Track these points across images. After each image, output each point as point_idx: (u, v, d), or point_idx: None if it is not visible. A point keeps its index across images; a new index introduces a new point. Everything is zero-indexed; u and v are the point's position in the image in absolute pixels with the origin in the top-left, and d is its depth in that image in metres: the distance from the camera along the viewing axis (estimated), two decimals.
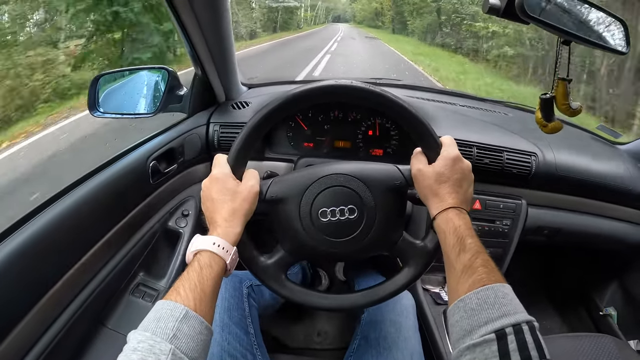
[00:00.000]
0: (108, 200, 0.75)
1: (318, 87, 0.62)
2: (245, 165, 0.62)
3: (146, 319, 0.46)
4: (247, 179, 0.61)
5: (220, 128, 0.97)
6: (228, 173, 0.60)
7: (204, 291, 0.49)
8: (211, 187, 0.59)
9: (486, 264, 0.51)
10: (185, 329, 0.44)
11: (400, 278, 0.66)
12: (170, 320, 0.44)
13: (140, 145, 0.88)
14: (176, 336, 0.43)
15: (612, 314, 1.32)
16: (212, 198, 0.59)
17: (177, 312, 0.45)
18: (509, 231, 1.01)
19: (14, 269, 0.56)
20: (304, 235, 0.63)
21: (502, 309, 0.45)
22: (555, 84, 0.66)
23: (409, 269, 0.66)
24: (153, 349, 0.41)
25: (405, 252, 0.66)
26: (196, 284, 0.49)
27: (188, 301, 0.47)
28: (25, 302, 0.58)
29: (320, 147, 0.98)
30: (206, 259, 0.52)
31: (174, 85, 0.95)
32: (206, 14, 0.77)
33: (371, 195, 0.63)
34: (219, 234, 0.55)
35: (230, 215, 0.57)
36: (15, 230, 0.59)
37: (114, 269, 0.78)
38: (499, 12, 0.66)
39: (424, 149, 0.63)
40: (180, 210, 0.95)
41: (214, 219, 0.58)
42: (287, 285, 0.67)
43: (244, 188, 0.60)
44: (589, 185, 1.04)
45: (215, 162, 0.62)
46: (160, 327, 0.44)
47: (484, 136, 0.99)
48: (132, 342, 0.42)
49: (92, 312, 0.74)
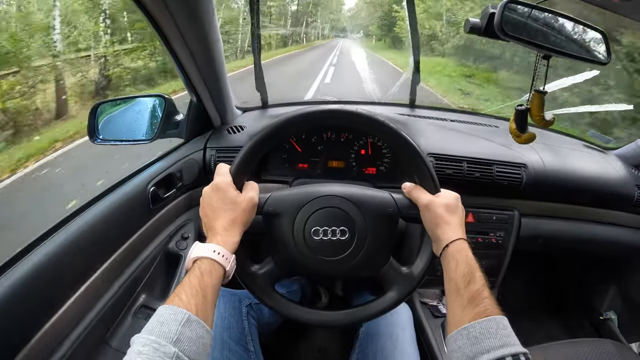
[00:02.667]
0: (110, 226, 0.77)
1: (329, 110, 0.66)
2: (246, 177, 0.65)
3: (149, 324, 0.47)
4: (247, 190, 0.64)
5: (216, 153, 0.99)
6: (230, 183, 0.62)
7: (204, 297, 0.51)
8: (212, 195, 0.61)
9: (490, 297, 0.55)
10: (188, 333, 0.46)
11: (383, 302, 0.68)
12: (174, 324, 0.46)
13: (140, 171, 0.90)
14: (180, 340, 0.45)
15: (613, 318, 1.33)
16: (212, 206, 0.61)
17: (179, 316, 0.47)
18: (503, 242, 1.03)
19: (21, 294, 0.58)
20: (294, 251, 0.65)
21: (502, 340, 0.48)
22: (531, 96, 0.69)
23: (392, 293, 0.68)
24: (158, 352, 0.42)
25: (390, 277, 0.69)
26: (197, 289, 0.51)
27: (190, 306, 0.48)
28: (32, 325, 0.60)
29: (315, 168, 1.01)
30: (207, 266, 0.54)
31: (171, 112, 0.97)
32: (198, 45, 0.79)
33: (363, 220, 0.65)
34: (218, 242, 0.57)
35: (229, 224, 0.59)
36: (22, 257, 0.61)
37: (117, 292, 0.79)
38: (480, 31, 0.69)
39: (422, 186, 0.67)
40: (180, 233, 0.97)
41: (213, 227, 0.59)
42: (273, 296, 0.69)
43: (244, 199, 0.62)
44: (581, 192, 1.06)
45: (217, 170, 0.64)
46: (163, 331, 0.45)
47: (473, 150, 1.01)
48: (136, 345, 0.43)
49: (97, 333, 0.75)
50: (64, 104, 5.21)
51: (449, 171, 0.97)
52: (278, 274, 0.69)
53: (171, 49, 0.79)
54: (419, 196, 0.66)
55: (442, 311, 1.04)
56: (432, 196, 0.66)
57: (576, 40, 0.72)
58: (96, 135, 0.95)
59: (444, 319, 1.02)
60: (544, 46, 0.66)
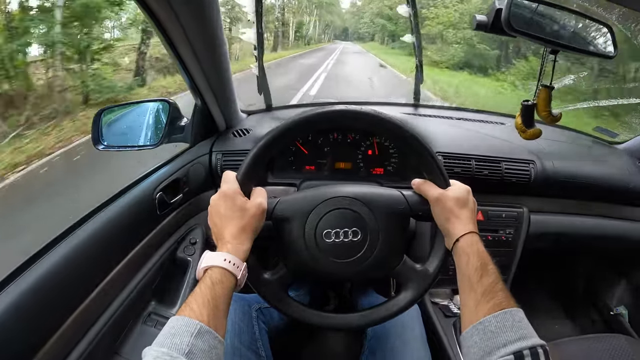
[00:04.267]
0: (118, 234, 0.76)
1: (334, 111, 0.64)
2: (254, 183, 0.64)
3: (161, 335, 0.46)
4: (255, 196, 0.63)
5: (222, 156, 0.99)
6: (237, 190, 0.61)
7: (216, 306, 0.50)
8: (220, 203, 0.60)
9: (504, 289, 0.54)
10: (200, 344, 0.45)
11: (399, 301, 0.68)
12: (185, 335, 0.45)
13: (146, 177, 0.89)
14: (192, 352, 0.44)
15: (623, 313, 1.32)
16: (220, 214, 0.60)
17: (191, 327, 0.46)
18: (512, 240, 1.02)
19: (29, 303, 0.57)
20: (306, 255, 0.64)
21: (519, 332, 0.48)
22: (538, 91, 0.68)
23: (407, 292, 0.67)
24: None
25: (405, 275, 0.68)
26: (209, 299, 0.50)
27: (202, 316, 0.48)
28: (41, 334, 0.59)
29: (322, 170, 1.00)
30: (218, 275, 0.53)
31: (175, 116, 0.97)
32: (203, 48, 0.79)
33: (375, 219, 0.64)
34: (229, 250, 0.56)
35: (239, 232, 0.59)
36: (29, 266, 0.60)
37: (126, 300, 0.79)
38: (487, 27, 0.68)
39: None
40: (187, 238, 0.96)
41: (222, 235, 0.59)
42: (287, 302, 0.68)
43: (252, 205, 0.61)
44: (589, 187, 1.05)
45: (224, 178, 0.63)
46: (175, 343, 0.44)
47: (481, 147, 1.01)
48: (148, 358, 0.43)
49: (107, 341, 0.74)
50: None
51: (457, 169, 0.96)
52: (290, 279, 0.68)
53: (176, 51, 0.78)
54: (429, 190, 0.65)
55: (454, 311, 1.04)
56: (442, 190, 0.65)
57: (583, 34, 0.72)
58: (100, 141, 0.94)
59: (456, 318, 1.01)
60: (552, 41, 0.66)
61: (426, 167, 0.66)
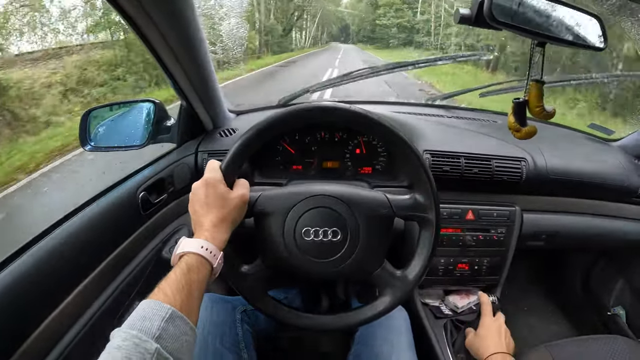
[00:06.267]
0: (99, 233, 0.76)
1: (323, 106, 0.64)
2: (237, 175, 0.64)
3: (131, 318, 0.45)
4: (238, 187, 0.63)
5: (208, 156, 0.98)
6: (220, 179, 0.61)
7: (190, 293, 0.49)
8: (202, 190, 0.60)
9: None
10: (171, 329, 0.44)
11: (375, 307, 0.67)
12: (156, 319, 0.44)
13: (129, 177, 0.89)
14: (162, 336, 0.43)
15: (621, 313, 1.30)
16: (201, 201, 0.59)
17: (163, 311, 0.45)
18: (504, 239, 1.00)
19: (6, 302, 0.56)
20: (284, 252, 0.64)
21: None
22: (528, 86, 0.67)
23: (384, 298, 0.67)
24: (138, 348, 0.41)
25: (384, 281, 0.67)
26: (183, 285, 0.49)
27: (175, 302, 0.47)
28: (18, 335, 0.58)
29: (309, 169, 0.99)
30: (194, 262, 0.53)
31: (162, 117, 0.96)
32: (182, 48, 0.78)
33: (356, 220, 0.64)
34: (207, 237, 0.56)
35: (219, 221, 0.58)
36: (5, 266, 0.59)
37: (108, 299, 0.78)
38: (471, 20, 0.67)
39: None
40: (173, 239, 0.96)
41: (201, 223, 0.58)
42: (262, 298, 0.68)
43: (235, 196, 0.61)
44: (583, 185, 1.04)
45: (208, 166, 0.63)
46: (145, 326, 0.43)
47: (471, 145, 0.99)
48: (116, 339, 0.42)
49: (89, 341, 0.73)
50: None
51: (447, 168, 0.95)
52: (268, 275, 0.68)
53: (155, 52, 0.77)
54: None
55: (445, 312, 1.02)
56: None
57: (571, 26, 0.70)
58: (88, 141, 0.94)
59: (446, 320, 1.00)
60: (538, 33, 0.64)
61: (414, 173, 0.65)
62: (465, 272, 1.00)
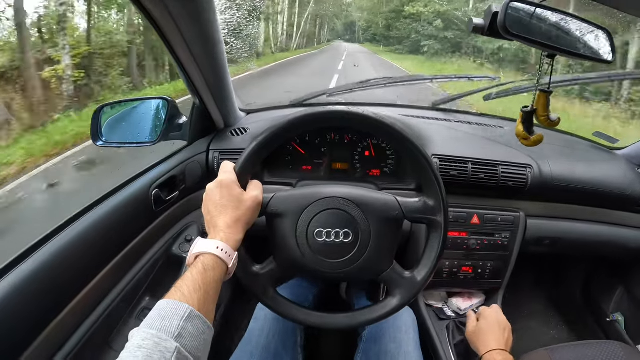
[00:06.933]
0: (113, 229, 0.77)
1: (338, 112, 0.65)
2: (250, 177, 0.65)
3: (149, 318, 0.45)
4: (252, 189, 0.64)
5: (219, 155, 0.99)
6: (234, 180, 0.62)
7: (207, 292, 0.50)
8: (216, 191, 0.61)
9: None
10: (189, 328, 0.45)
11: (384, 307, 0.68)
12: (175, 318, 0.44)
13: (142, 174, 0.90)
14: (181, 335, 0.43)
15: (620, 320, 1.31)
16: (216, 203, 0.60)
17: (181, 311, 0.45)
18: (508, 244, 1.02)
19: (22, 297, 0.58)
20: (297, 252, 0.65)
21: None
22: (536, 96, 0.68)
23: (393, 298, 0.68)
24: (159, 347, 0.41)
25: (393, 281, 0.68)
26: (200, 285, 0.50)
27: (192, 301, 0.47)
28: (33, 328, 0.60)
29: (319, 170, 1.00)
30: (210, 262, 0.53)
31: (174, 114, 0.97)
32: (200, 48, 0.79)
33: (367, 222, 0.65)
34: (222, 238, 0.57)
35: (233, 222, 0.59)
36: (23, 260, 0.61)
37: (120, 294, 0.79)
38: (484, 30, 0.68)
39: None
40: (183, 236, 0.97)
41: (216, 224, 0.59)
42: (273, 297, 0.69)
43: (248, 197, 0.62)
44: (587, 192, 1.05)
45: (222, 167, 0.64)
46: (165, 325, 0.43)
47: (478, 151, 1.00)
48: (136, 339, 0.42)
49: (100, 336, 0.75)
50: None
51: (454, 172, 0.96)
52: (279, 274, 0.69)
53: (172, 50, 0.79)
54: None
55: (447, 313, 1.04)
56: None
57: (580, 38, 0.71)
58: (99, 137, 0.95)
59: (449, 321, 1.01)
60: (549, 45, 0.65)
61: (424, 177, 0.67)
62: (469, 275, 1.02)
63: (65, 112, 4.72)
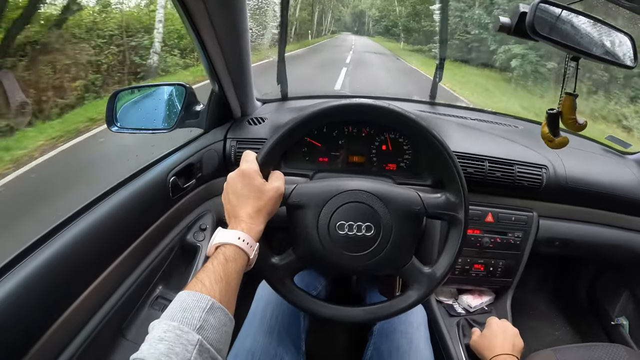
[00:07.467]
0: (130, 216, 0.76)
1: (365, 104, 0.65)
2: (272, 166, 0.65)
3: (170, 309, 0.45)
4: (274, 179, 0.63)
5: (237, 144, 0.99)
6: (257, 170, 0.61)
7: (229, 283, 0.50)
8: (238, 180, 0.60)
9: None
10: (211, 320, 0.44)
11: (402, 301, 0.69)
12: (197, 310, 0.44)
13: (159, 160, 0.90)
14: (203, 327, 0.43)
15: (624, 324, 1.32)
16: (237, 192, 0.59)
17: (203, 302, 0.45)
18: (520, 243, 1.02)
19: (37, 284, 0.57)
20: (317, 244, 0.65)
21: None
22: (562, 99, 0.68)
23: (412, 293, 0.68)
24: (180, 339, 0.41)
25: (412, 276, 0.69)
26: (221, 276, 0.49)
27: (214, 293, 0.47)
28: (49, 315, 0.59)
29: (335, 162, 1.00)
30: (231, 253, 0.53)
31: (191, 101, 0.97)
32: (226, 34, 0.79)
33: (390, 217, 0.65)
34: (243, 229, 0.56)
35: (255, 213, 0.58)
36: (38, 247, 0.60)
37: (134, 283, 0.79)
38: (510, 30, 0.68)
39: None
40: (198, 224, 0.97)
41: (237, 214, 0.58)
42: (291, 289, 0.69)
43: (270, 187, 0.61)
44: (600, 196, 1.05)
45: (244, 157, 0.63)
46: (186, 317, 0.43)
47: (495, 149, 1.00)
48: (157, 331, 0.41)
49: (114, 324, 0.75)
50: None
51: (471, 170, 0.96)
52: (297, 266, 0.69)
53: (198, 35, 0.78)
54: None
55: (458, 310, 1.04)
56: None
57: (604, 43, 0.71)
58: (114, 122, 0.95)
59: (460, 318, 1.02)
60: (574, 47, 0.65)
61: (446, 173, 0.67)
62: (481, 273, 1.02)
63: None
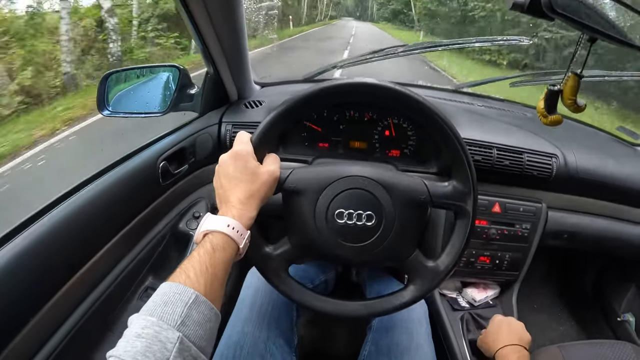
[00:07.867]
0: (116, 202, 0.72)
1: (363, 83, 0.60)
2: (268, 149, 0.60)
3: (151, 302, 0.42)
4: (269, 162, 0.59)
5: (232, 128, 0.95)
6: (251, 152, 0.57)
7: (215, 275, 0.46)
8: (230, 163, 0.56)
9: None
10: (194, 316, 0.42)
11: (405, 295, 0.65)
12: (179, 305, 0.41)
13: (150, 145, 0.85)
14: (184, 323, 0.40)
15: (630, 320, 1.29)
16: (229, 175, 0.55)
17: (186, 296, 0.42)
18: (528, 235, 0.98)
19: (21, 270, 0.54)
20: (314, 233, 0.61)
21: None
22: (567, 77, 0.64)
23: (414, 287, 0.65)
24: (159, 336, 0.38)
25: (415, 270, 0.65)
26: (207, 267, 0.46)
27: (198, 285, 0.44)
28: (32, 304, 0.56)
29: (336, 148, 0.95)
30: (219, 241, 0.49)
31: (185, 84, 0.92)
32: (220, 11, 0.74)
33: (392, 205, 0.61)
34: (234, 215, 0.52)
35: (246, 198, 0.54)
36: (22, 230, 0.56)
37: (122, 273, 0.75)
38: (523, 7, 0.64)
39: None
40: (191, 212, 0.93)
41: (228, 199, 0.54)
42: (286, 281, 0.65)
43: (265, 171, 0.57)
44: (609, 187, 1.01)
45: (238, 138, 0.59)
46: (167, 313, 0.40)
47: (503, 137, 0.96)
48: (134, 327, 0.39)
49: (100, 316, 0.71)
50: None
51: (478, 157, 0.92)
52: (293, 256, 0.65)
53: (190, 13, 0.74)
54: None
55: (462, 304, 1.00)
56: None
57: (624, 25, 0.68)
58: (105, 106, 0.91)
59: (463, 312, 0.98)
60: (592, 27, 0.61)
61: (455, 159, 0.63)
62: (486, 266, 0.98)
63: None
